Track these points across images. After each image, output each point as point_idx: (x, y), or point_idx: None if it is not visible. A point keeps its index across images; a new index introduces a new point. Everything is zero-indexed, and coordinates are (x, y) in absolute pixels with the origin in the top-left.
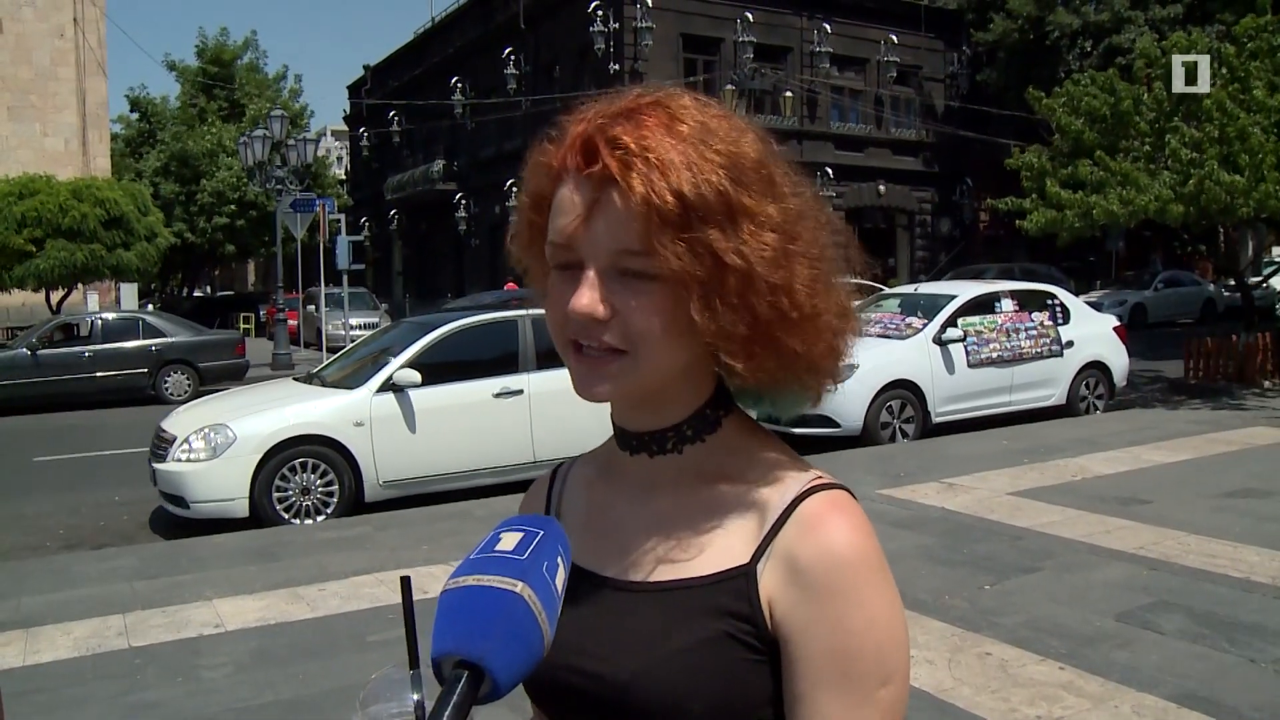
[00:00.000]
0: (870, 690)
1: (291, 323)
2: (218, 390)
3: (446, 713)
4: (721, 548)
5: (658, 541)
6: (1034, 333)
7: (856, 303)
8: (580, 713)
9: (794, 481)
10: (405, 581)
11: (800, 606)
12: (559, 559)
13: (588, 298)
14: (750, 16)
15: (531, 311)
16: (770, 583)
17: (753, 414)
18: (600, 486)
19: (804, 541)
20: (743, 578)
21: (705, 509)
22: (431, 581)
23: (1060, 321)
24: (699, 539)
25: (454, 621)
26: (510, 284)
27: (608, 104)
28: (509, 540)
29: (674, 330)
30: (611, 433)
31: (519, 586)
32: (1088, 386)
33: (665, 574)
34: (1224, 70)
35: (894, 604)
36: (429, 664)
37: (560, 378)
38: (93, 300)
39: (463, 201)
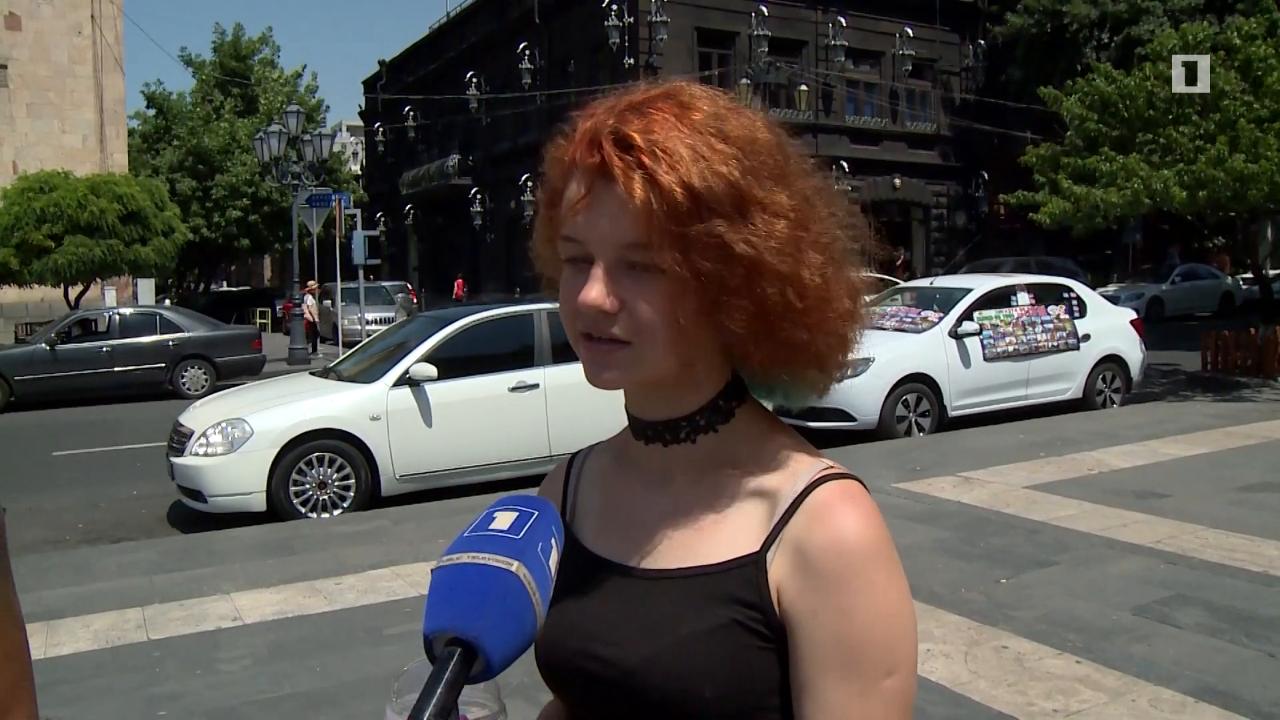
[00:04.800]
0: (875, 680)
1: (307, 317)
2: (234, 385)
3: (439, 690)
4: (732, 536)
5: (669, 529)
6: (1050, 326)
7: (870, 297)
8: (593, 697)
9: (805, 471)
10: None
11: (807, 595)
12: (553, 540)
13: (596, 291)
14: (765, 10)
15: (547, 305)
16: (779, 571)
17: (767, 405)
18: (615, 475)
19: (813, 530)
20: (752, 566)
21: (717, 498)
22: None
23: (1077, 315)
24: (710, 527)
25: (448, 599)
26: (459, 282)
27: (618, 98)
28: (504, 519)
29: (680, 322)
30: (627, 422)
31: (515, 566)
32: (1104, 380)
33: (676, 561)
34: (1232, 58)
35: (902, 595)
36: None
37: (576, 371)
38: (110, 296)
39: (478, 196)
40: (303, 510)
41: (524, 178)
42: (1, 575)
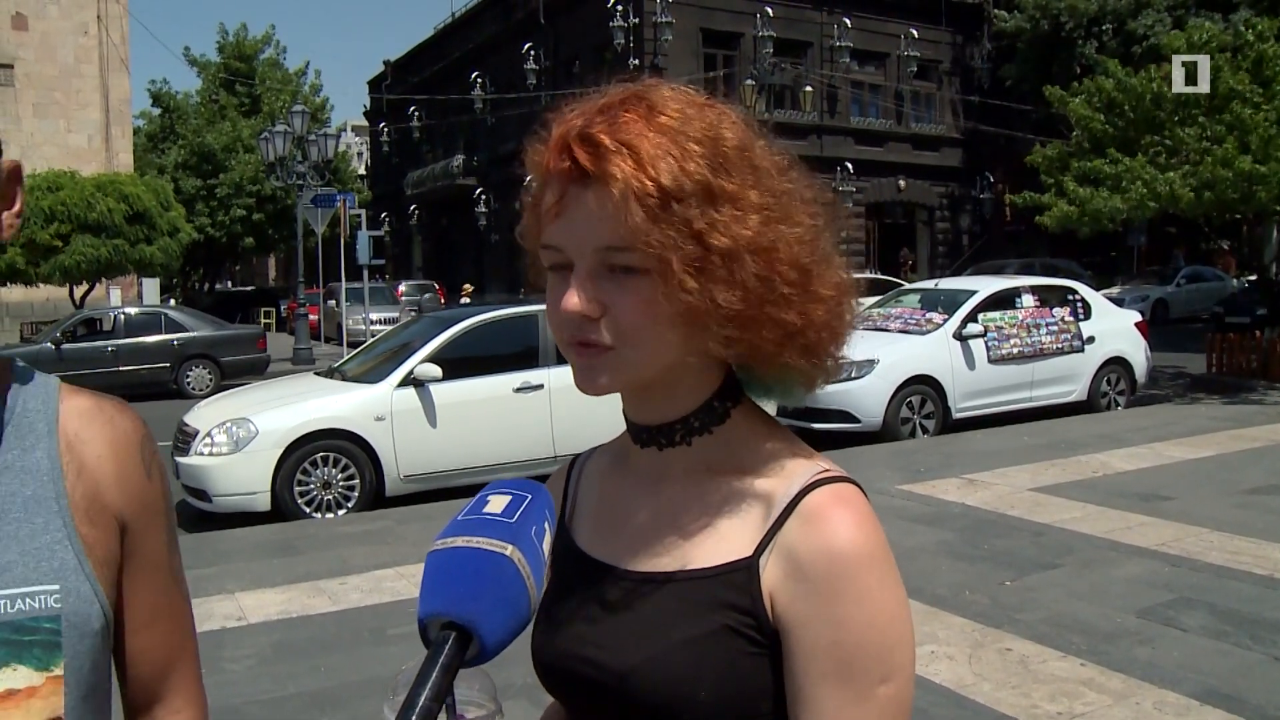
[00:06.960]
0: (870, 686)
1: (312, 317)
2: (239, 385)
3: (434, 673)
4: (725, 540)
5: (663, 533)
6: (1055, 328)
7: (854, 293)
8: (586, 700)
9: (800, 474)
10: None
11: (801, 601)
12: (546, 523)
13: (577, 298)
14: (770, 11)
15: None
16: (772, 576)
17: (768, 406)
18: (613, 478)
19: (806, 535)
20: (745, 571)
21: (711, 501)
22: None
23: (1081, 317)
24: (704, 531)
25: (443, 583)
26: (439, 287)
27: (588, 103)
28: (497, 503)
29: (665, 322)
30: None
31: (509, 550)
32: (1109, 382)
33: (669, 565)
34: (1240, 58)
35: (897, 600)
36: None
37: None
38: (115, 295)
39: (483, 197)
40: (307, 510)
41: (528, 178)
42: (172, 550)
